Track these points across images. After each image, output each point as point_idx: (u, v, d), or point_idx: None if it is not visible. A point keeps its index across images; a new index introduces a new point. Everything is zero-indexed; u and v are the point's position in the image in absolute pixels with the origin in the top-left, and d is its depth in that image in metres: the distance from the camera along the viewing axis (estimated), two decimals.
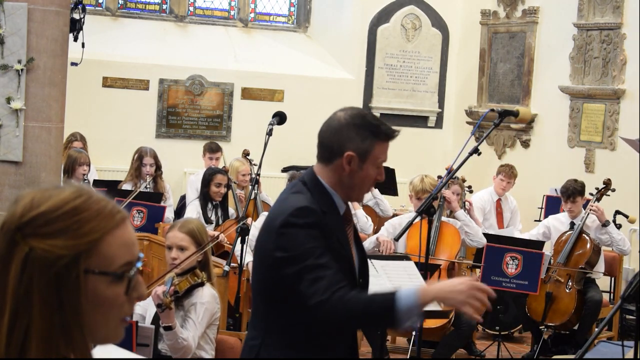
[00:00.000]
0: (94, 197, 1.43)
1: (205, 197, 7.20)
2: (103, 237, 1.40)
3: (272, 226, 2.80)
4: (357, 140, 2.84)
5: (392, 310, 2.62)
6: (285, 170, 9.44)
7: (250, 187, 6.57)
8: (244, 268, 5.68)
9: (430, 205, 4.01)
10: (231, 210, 7.38)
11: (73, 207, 1.39)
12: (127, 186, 7.75)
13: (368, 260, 4.35)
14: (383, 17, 10.44)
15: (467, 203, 7.58)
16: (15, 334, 1.36)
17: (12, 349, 1.36)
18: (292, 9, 10.74)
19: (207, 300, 4.10)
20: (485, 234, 6.74)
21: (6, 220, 1.40)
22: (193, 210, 7.09)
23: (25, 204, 1.40)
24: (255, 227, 6.15)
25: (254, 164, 7.74)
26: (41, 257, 1.36)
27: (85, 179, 7.31)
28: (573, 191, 7.11)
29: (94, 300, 1.39)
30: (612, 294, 7.63)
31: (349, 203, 3.03)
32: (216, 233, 6.79)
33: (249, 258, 5.97)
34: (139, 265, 1.45)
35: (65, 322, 1.37)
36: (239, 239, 5.64)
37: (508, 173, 8.23)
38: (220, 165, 8.20)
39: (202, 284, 4.11)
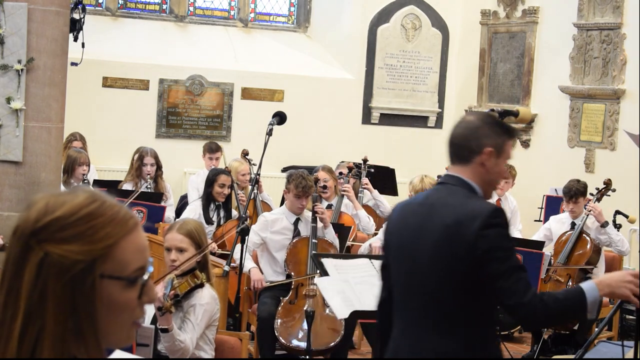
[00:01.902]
0: (107, 202, 1.43)
1: (208, 197, 7.18)
2: (117, 242, 1.40)
3: (462, 232, 2.82)
4: (494, 136, 2.95)
5: (584, 306, 2.83)
6: (285, 170, 9.43)
7: (250, 187, 6.56)
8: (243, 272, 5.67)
9: None
10: (234, 211, 7.37)
11: (88, 212, 1.39)
12: (127, 186, 7.74)
13: (368, 260, 4.35)
14: (383, 17, 10.44)
15: None
16: (27, 338, 1.36)
17: (24, 352, 1.36)
18: (292, 9, 10.73)
19: (206, 301, 4.09)
20: None
21: (19, 224, 1.40)
22: (192, 211, 7.07)
23: (40, 208, 1.39)
24: (254, 231, 6.12)
25: (253, 164, 7.74)
26: (57, 262, 1.36)
27: (84, 179, 7.31)
28: (576, 192, 7.10)
29: (108, 305, 1.39)
30: None
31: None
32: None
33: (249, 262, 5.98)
34: (151, 270, 1.46)
35: (79, 327, 1.37)
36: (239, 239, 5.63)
37: (507, 173, 8.21)
38: (220, 165, 8.19)
39: (201, 285, 4.11)
